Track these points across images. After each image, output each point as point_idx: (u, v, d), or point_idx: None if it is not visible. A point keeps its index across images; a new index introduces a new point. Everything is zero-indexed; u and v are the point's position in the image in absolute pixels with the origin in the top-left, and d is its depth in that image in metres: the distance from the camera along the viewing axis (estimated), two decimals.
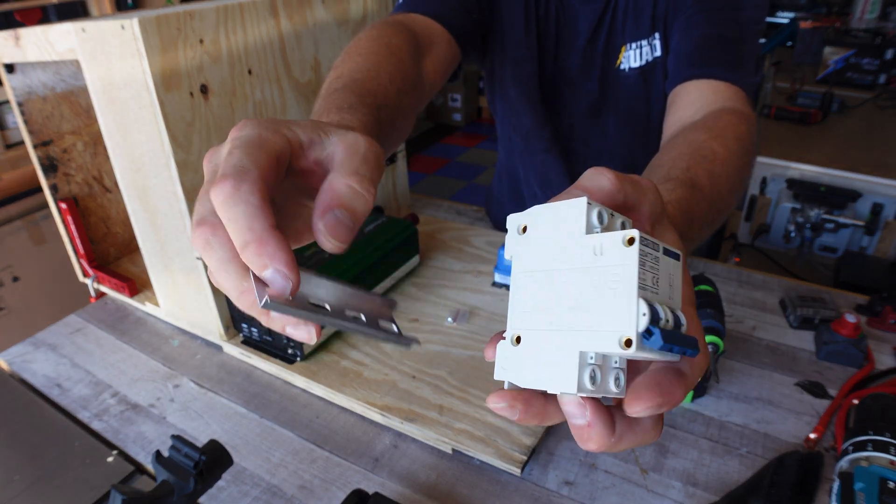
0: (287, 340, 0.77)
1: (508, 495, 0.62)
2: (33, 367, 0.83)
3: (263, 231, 0.26)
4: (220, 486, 0.64)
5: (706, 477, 0.63)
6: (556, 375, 0.26)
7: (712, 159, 0.52)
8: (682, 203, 0.43)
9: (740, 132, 0.58)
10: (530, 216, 0.29)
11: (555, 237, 0.28)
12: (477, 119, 4.72)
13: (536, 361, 0.27)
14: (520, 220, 0.30)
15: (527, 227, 0.29)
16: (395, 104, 0.54)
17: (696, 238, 0.46)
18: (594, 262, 0.26)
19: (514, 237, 0.30)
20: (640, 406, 0.25)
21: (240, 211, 0.26)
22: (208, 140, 0.73)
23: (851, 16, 2.44)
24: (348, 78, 0.52)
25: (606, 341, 0.25)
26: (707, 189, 0.48)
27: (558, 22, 0.85)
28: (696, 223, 0.44)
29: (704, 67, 0.68)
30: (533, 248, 0.29)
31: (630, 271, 0.25)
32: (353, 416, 0.73)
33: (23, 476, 0.67)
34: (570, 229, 0.27)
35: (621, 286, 0.25)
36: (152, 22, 0.64)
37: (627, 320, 0.25)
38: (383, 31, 0.66)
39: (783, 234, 1.55)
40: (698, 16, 0.72)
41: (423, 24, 0.75)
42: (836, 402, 0.71)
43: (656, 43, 0.81)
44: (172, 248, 0.79)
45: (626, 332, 0.25)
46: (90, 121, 0.95)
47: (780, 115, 1.86)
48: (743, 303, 0.91)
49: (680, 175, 0.48)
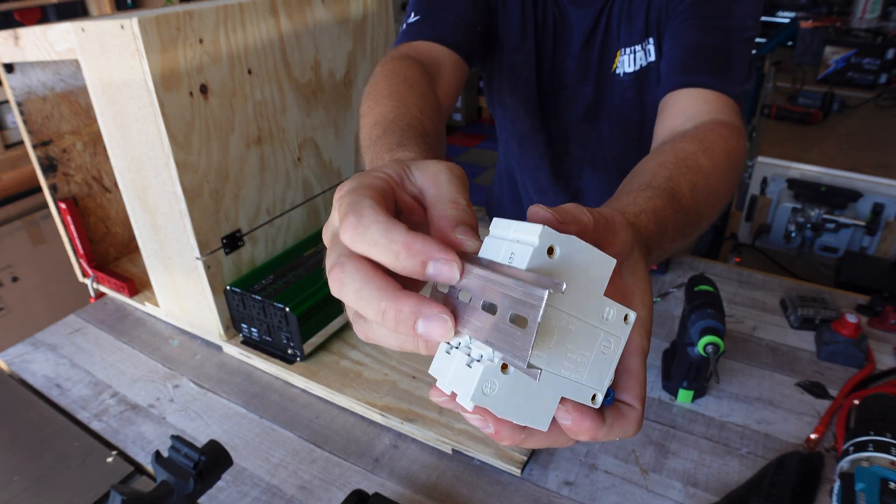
0: (286, 341, 0.77)
1: (508, 495, 0.62)
2: (33, 367, 0.83)
3: (405, 235, 0.26)
4: (220, 487, 0.64)
5: (706, 477, 0.63)
6: (532, 412, 0.28)
7: (696, 171, 0.52)
8: (658, 213, 0.43)
9: (729, 147, 0.59)
10: (563, 243, 0.27)
11: (579, 281, 0.27)
12: (477, 119, 4.72)
13: (518, 395, 0.28)
14: (553, 240, 0.27)
15: (555, 251, 0.27)
16: (431, 130, 0.55)
17: (668, 249, 0.45)
18: (600, 323, 0.29)
19: (541, 255, 0.27)
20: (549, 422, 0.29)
21: (373, 232, 0.27)
22: (208, 140, 0.73)
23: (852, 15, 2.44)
24: (384, 121, 0.53)
25: (582, 394, 0.29)
26: (687, 200, 0.48)
27: (555, 27, 0.85)
28: (670, 234, 0.44)
29: (694, 76, 0.69)
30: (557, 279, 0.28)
31: (619, 344, 0.29)
32: (353, 417, 0.73)
33: (23, 476, 0.67)
34: (593, 283, 0.28)
35: (609, 353, 0.29)
36: (152, 22, 0.64)
37: (602, 381, 0.29)
38: (396, 66, 0.67)
39: (784, 234, 1.55)
40: (689, 22, 0.72)
41: (427, 51, 0.76)
42: (837, 403, 0.71)
43: (650, 48, 0.81)
44: (172, 248, 0.79)
45: (597, 390, 0.29)
46: (90, 121, 0.95)
47: (780, 115, 1.86)
48: (743, 303, 0.91)
49: (661, 184, 0.47)
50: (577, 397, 0.29)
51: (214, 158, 0.75)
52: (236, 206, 0.80)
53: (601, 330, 0.29)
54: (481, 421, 0.28)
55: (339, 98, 0.93)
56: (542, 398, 0.28)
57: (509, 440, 0.29)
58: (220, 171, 0.76)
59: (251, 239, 0.84)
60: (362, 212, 0.27)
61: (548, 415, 0.29)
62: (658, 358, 0.79)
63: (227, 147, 0.76)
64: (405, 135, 0.49)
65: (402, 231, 0.26)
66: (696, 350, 0.67)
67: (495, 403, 0.27)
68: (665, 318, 0.88)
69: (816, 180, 1.55)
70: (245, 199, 0.81)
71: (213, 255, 0.78)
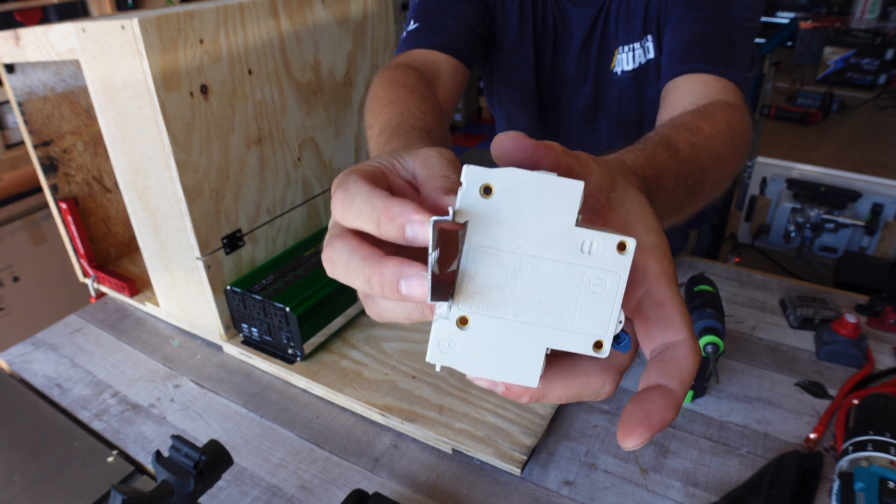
0: (287, 340, 0.78)
1: (508, 495, 0.62)
2: (33, 367, 0.83)
3: (384, 200, 0.26)
4: (220, 486, 0.64)
5: (706, 477, 0.63)
6: (514, 367, 0.26)
7: (696, 133, 0.51)
8: (650, 154, 0.41)
9: (732, 119, 0.58)
10: (502, 178, 0.24)
11: (535, 216, 0.25)
12: (477, 119, 4.72)
13: (489, 350, 0.26)
14: (485, 178, 0.24)
15: (493, 190, 0.24)
16: (436, 128, 0.56)
17: (675, 196, 0.43)
18: (579, 258, 0.25)
19: (475, 197, 0.24)
20: (633, 441, 0.25)
21: (358, 202, 0.26)
22: (208, 140, 0.74)
23: (851, 16, 2.44)
24: (389, 128, 0.54)
25: (577, 342, 0.25)
26: (685, 153, 0.47)
27: (556, 28, 0.85)
28: (669, 177, 0.42)
29: (694, 62, 0.68)
30: (501, 220, 0.25)
31: (619, 279, 0.25)
32: (353, 416, 0.73)
33: (23, 476, 0.67)
34: (557, 214, 0.25)
35: (605, 291, 0.25)
36: (152, 22, 0.64)
37: (605, 325, 0.25)
38: (394, 75, 0.68)
39: (783, 234, 1.55)
40: (689, 15, 0.72)
41: (425, 58, 0.77)
42: (836, 402, 0.71)
43: (649, 45, 0.81)
44: (172, 248, 0.79)
45: (601, 336, 0.25)
46: (90, 121, 0.95)
47: (780, 115, 1.86)
48: (743, 303, 0.91)
49: (655, 139, 0.46)
50: (571, 347, 0.26)
51: (215, 158, 0.75)
52: (236, 206, 0.80)
53: (583, 266, 0.25)
54: (482, 381, 0.27)
55: (339, 98, 0.93)
56: (521, 351, 0.26)
57: (519, 396, 0.27)
58: (221, 171, 0.76)
59: (251, 239, 0.84)
60: (348, 186, 0.27)
61: (534, 369, 0.26)
62: None
63: (227, 147, 0.76)
64: (410, 135, 0.50)
65: (382, 197, 0.26)
66: None
67: (459, 361, 0.26)
68: None
69: (816, 180, 1.55)
70: (245, 199, 0.81)
71: (213, 255, 0.78)
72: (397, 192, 0.31)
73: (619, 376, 0.28)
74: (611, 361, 0.27)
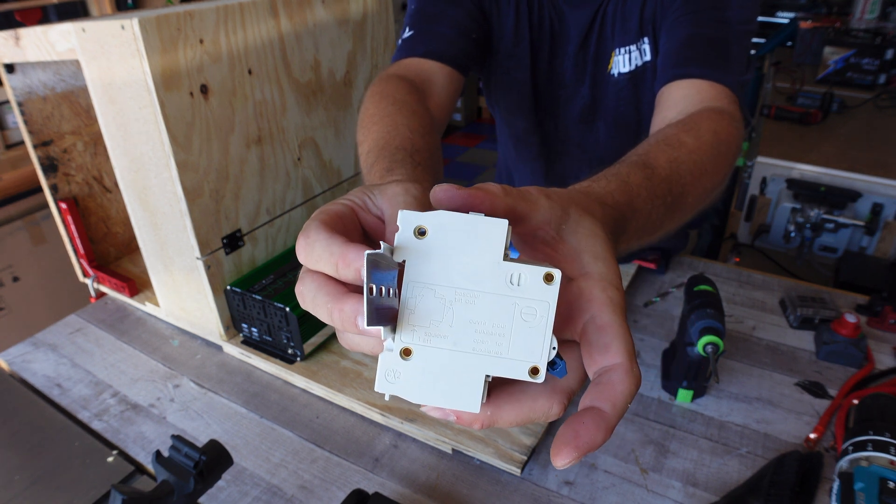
0: (287, 340, 0.78)
1: (508, 495, 0.62)
2: (33, 366, 0.83)
3: (341, 247, 0.28)
4: (220, 486, 0.64)
5: (706, 477, 0.63)
6: (456, 394, 0.27)
7: (678, 147, 0.52)
8: (623, 178, 0.42)
9: (718, 127, 0.58)
10: (433, 221, 0.27)
11: (465, 253, 0.27)
12: (477, 119, 4.72)
13: (432, 378, 0.27)
14: (418, 221, 0.27)
15: (426, 232, 0.27)
16: (422, 146, 0.57)
17: (651, 217, 0.44)
18: (509, 290, 0.27)
19: (410, 238, 0.27)
20: (561, 461, 0.26)
21: (317, 248, 0.28)
22: (208, 140, 0.74)
23: (851, 16, 2.44)
24: (376, 148, 0.55)
25: (514, 369, 0.27)
26: (663, 171, 0.47)
27: (552, 30, 0.85)
28: (644, 198, 0.43)
29: (688, 67, 0.68)
30: (434, 258, 0.27)
31: (547, 308, 0.27)
32: (353, 416, 0.73)
33: (23, 476, 0.67)
34: (485, 251, 0.27)
35: (536, 320, 0.27)
36: (152, 22, 0.64)
37: (539, 352, 0.27)
38: (385, 88, 0.68)
39: (783, 234, 1.55)
40: (684, 17, 0.72)
41: (418, 67, 0.77)
42: (836, 402, 0.71)
43: (645, 47, 0.81)
44: (172, 248, 0.79)
45: (535, 362, 0.27)
46: (90, 121, 0.95)
47: (780, 115, 1.86)
48: (743, 303, 0.91)
49: (632, 159, 0.47)
50: (509, 373, 0.27)
51: (215, 158, 0.75)
52: (236, 206, 0.80)
53: (514, 297, 0.27)
54: (432, 410, 0.28)
55: (339, 98, 0.93)
56: (461, 379, 0.27)
57: (471, 424, 0.28)
58: (221, 171, 0.76)
59: (251, 239, 0.84)
60: (309, 232, 0.29)
61: (474, 395, 0.27)
62: (658, 358, 0.79)
63: (227, 147, 0.76)
64: (394, 158, 0.52)
65: (339, 244, 0.28)
66: (696, 350, 0.67)
67: (405, 390, 0.27)
68: (664, 317, 0.88)
69: (816, 180, 1.55)
70: (245, 198, 0.81)
71: (213, 254, 0.78)
72: (368, 228, 0.33)
73: (566, 398, 0.29)
74: (557, 384, 0.29)
